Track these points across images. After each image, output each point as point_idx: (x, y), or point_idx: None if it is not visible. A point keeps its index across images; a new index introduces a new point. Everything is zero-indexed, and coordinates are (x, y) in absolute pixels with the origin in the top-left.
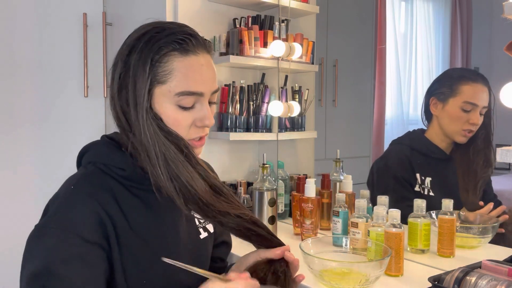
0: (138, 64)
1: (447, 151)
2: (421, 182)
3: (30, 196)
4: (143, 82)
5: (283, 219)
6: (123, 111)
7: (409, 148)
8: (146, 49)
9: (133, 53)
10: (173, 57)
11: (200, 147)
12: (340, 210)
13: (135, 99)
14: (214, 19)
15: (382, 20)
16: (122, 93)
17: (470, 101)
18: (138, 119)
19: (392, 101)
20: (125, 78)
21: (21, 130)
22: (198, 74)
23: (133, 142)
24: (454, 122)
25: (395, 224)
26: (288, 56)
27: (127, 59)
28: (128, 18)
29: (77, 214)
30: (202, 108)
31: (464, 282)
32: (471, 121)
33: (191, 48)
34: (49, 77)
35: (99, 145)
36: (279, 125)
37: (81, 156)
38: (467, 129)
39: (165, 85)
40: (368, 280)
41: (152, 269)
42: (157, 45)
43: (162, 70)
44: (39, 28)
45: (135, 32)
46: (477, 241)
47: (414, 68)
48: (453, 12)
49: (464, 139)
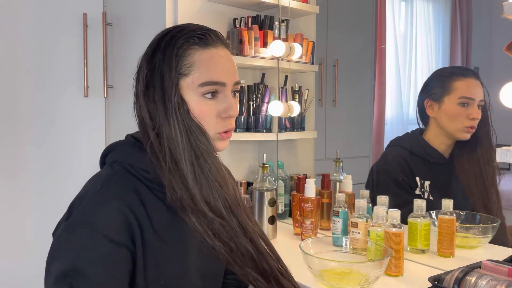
0: (163, 61)
1: (446, 154)
2: (421, 185)
3: (30, 196)
4: (170, 77)
5: (283, 219)
6: (149, 110)
7: (408, 151)
8: (169, 47)
9: (157, 53)
10: (194, 51)
11: (227, 139)
12: (340, 210)
13: (163, 94)
14: (214, 19)
15: (382, 20)
16: (148, 92)
17: (466, 95)
18: (167, 113)
19: (392, 101)
20: (152, 77)
21: (21, 130)
22: (219, 65)
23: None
24: (454, 119)
25: (395, 224)
26: (288, 56)
27: (151, 60)
28: (128, 18)
29: (105, 214)
30: (226, 99)
31: (464, 282)
32: (471, 116)
33: (210, 42)
34: (49, 77)
35: (125, 145)
36: (279, 125)
37: (105, 155)
38: (469, 125)
39: (188, 77)
40: (368, 280)
41: (170, 272)
42: (178, 41)
43: (184, 63)
44: (39, 28)
45: (157, 35)
46: (477, 241)
47: (414, 68)
48: (453, 12)
49: (468, 135)
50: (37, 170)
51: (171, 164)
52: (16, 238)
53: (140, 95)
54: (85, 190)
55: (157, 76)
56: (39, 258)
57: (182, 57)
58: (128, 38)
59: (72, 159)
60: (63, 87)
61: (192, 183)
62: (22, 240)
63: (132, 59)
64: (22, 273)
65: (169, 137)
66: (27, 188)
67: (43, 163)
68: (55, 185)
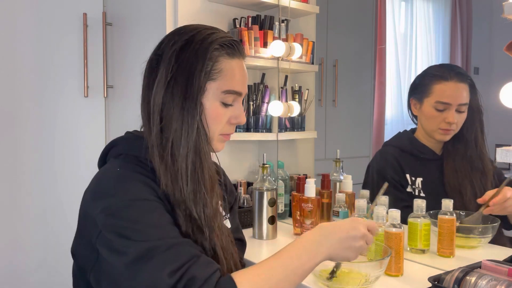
0: (196, 61)
1: (437, 150)
2: (412, 182)
3: (30, 196)
4: (199, 77)
5: (283, 219)
6: (163, 102)
7: (397, 149)
8: (202, 48)
9: (188, 50)
10: (223, 58)
11: (225, 141)
12: (340, 210)
13: (186, 91)
14: (214, 19)
15: (382, 20)
16: (169, 83)
17: (441, 100)
18: (184, 109)
19: (392, 101)
20: (178, 71)
21: (21, 130)
22: (241, 76)
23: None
24: (430, 121)
25: (395, 224)
26: (288, 56)
27: (179, 54)
28: (128, 18)
29: (136, 185)
30: (239, 107)
31: (464, 282)
32: (446, 119)
33: (236, 52)
34: (49, 77)
35: (127, 139)
36: (279, 125)
37: (107, 151)
38: (444, 128)
39: (215, 82)
40: (368, 280)
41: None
42: (213, 45)
43: (214, 68)
44: (39, 28)
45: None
46: (477, 241)
47: (414, 68)
48: (453, 12)
49: (444, 137)
50: (37, 170)
51: (168, 158)
52: (16, 238)
53: (158, 84)
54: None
55: (185, 72)
56: (39, 258)
57: (214, 62)
58: (128, 38)
59: (72, 159)
60: (63, 87)
61: (182, 181)
62: (22, 240)
63: (132, 59)
64: (22, 273)
65: (176, 132)
66: (27, 188)
67: (43, 163)
68: (55, 185)
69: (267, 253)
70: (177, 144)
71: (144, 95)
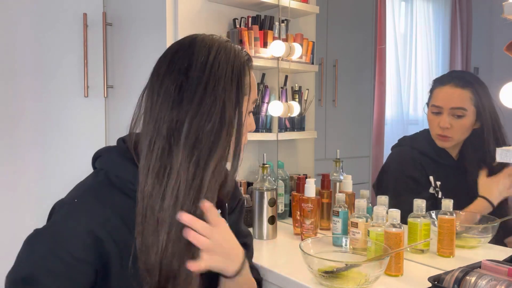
0: (234, 82)
1: (454, 155)
2: (435, 185)
3: (30, 196)
4: (238, 94)
5: (283, 219)
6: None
7: (418, 151)
8: (238, 66)
9: (216, 63)
10: (248, 72)
11: None
12: (340, 210)
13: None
14: (214, 19)
15: (382, 20)
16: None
17: (434, 103)
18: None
19: (392, 101)
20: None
21: (21, 130)
22: (255, 84)
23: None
24: (430, 126)
25: (395, 224)
26: (288, 56)
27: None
28: (128, 18)
29: (72, 230)
30: (251, 115)
31: (464, 282)
32: (440, 124)
33: (251, 64)
34: (49, 77)
35: (111, 152)
36: (279, 125)
37: (94, 159)
38: (439, 133)
39: (247, 95)
40: (368, 280)
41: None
42: (246, 63)
43: (246, 83)
44: (39, 28)
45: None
46: (477, 241)
47: (414, 68)
48: (453, 12)
49: (442, 143)
50: (37, 170)
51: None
52: (16, 238)
53: (189, 104)
54: (65, 199)
55: (220, 89)
56: None
57: (245, 77)
58: (128, 38)
59: (72, 159)
60: (63, 87)
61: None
62: (22, 240)
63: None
64: None
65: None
66: (27, 188)
67: (43, 163)
68: (55, 185)
69: (267, 253)
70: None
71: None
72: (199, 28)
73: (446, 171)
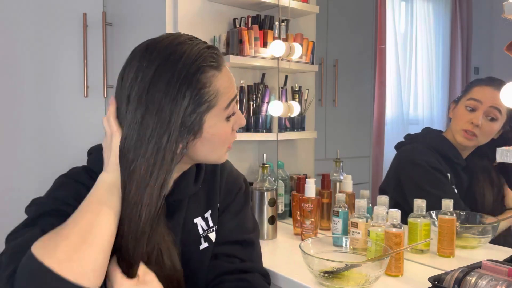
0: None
1: (464, 155)
2: (451, 182)
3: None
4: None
5: (283, 219)
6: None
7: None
8: (190, 76)
9: (171, 75)
10: (215, 77)
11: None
12: (340, 210)
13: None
14: (214, 19)
15: (382, 20)
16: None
17: (473, 97)
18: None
19: (392, 101)
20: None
21: (21, 130)
22: (231, 80)
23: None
24: (457, 120)
25: (395, 224)
26: (288, 56)
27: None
28: (128, 18)
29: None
30: (237, 111)
31: (464, 282)
32: (472, 120)
33: (221, 60)
34: (49, 77)
35: (100, 151)
36: (279, 125)
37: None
38: (467, 129)
39: (216, 107)
40: (368, 280)
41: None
42: (201, 70)
43: (210, 94)
44: (39, 28)
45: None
46: (477, 241)
47: (414, 68)
48: (453, 12)
49: (464, 140)
50: (37, 170)
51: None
52: None
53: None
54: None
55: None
56: None
57: (207, 88)
58: (128, 38)
59: (72, 159)
60: (63, 87)
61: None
62: None
63: None
64: None
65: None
66: (26, 188)
67: (43, 162)
68: None
69: (267, 253)
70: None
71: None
72: (199, 28)
73: (458, 171)
